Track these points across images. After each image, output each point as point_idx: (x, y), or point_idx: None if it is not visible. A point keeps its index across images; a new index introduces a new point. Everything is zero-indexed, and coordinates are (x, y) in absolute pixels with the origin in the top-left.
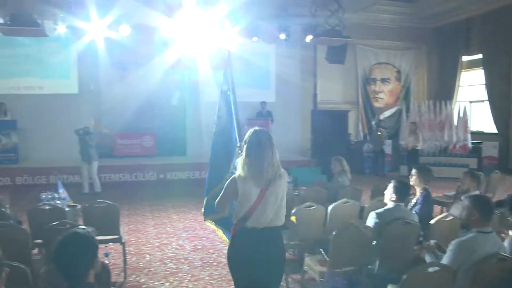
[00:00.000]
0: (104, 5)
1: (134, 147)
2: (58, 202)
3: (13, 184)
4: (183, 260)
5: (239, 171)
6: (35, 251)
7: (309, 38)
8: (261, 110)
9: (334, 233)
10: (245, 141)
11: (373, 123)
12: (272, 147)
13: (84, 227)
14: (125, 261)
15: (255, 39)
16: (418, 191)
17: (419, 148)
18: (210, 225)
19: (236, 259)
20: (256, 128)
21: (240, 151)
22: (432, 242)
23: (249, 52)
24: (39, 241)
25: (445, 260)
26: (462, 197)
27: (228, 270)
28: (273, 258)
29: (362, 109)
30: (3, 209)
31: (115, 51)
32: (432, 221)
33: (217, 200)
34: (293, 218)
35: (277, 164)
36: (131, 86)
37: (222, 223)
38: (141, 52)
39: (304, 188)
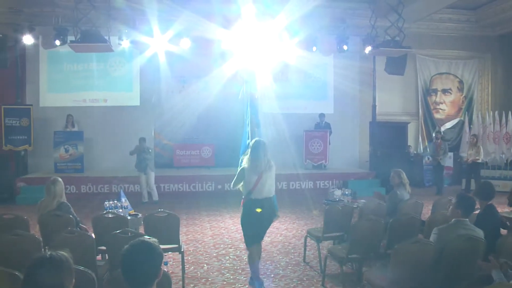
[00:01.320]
0: (166, 19)
1: (193, 157)
2: (120, 210)
3: (78, 192)
4: (240, 271)
5: (245, 164)
6: (98, 257)
7: (368, 49)
8: (319, 122)
9: (395, 247)
10: (249, 145)
11: (433, 135)
12: (265, 150)
13: (148, 237)
14: (183, 270)
15: (314, 48)
16: (481, 207)
17: (479, 161)
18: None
19: (245, 219)
20: (257, 138)
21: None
22: (502, 260)
23: (307, 64)
24: (103, 247)
25: None
26: None
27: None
28: (267, 216)
29: (422, 120)
30: (71, 216)
31: (175, 64)
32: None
33: (232, 181)
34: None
35: (267, 160)
36: (190, 98)
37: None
38: (201, 65)
39: (363, 200)
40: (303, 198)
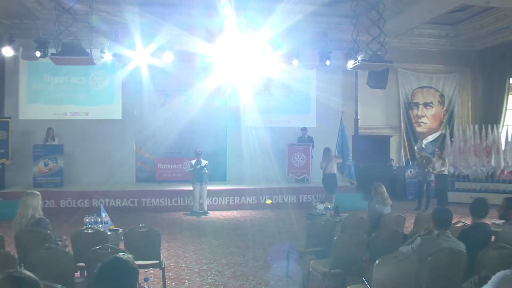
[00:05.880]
0: (149, 33)
1: (175, 172)
2: (100, 226)
3: (57, 207)
4: (222, 287)
5: None
6: (77, 274)
7: (350, 63)
8: (302, 135)
9: (377, 262)
10: None
11: (415, 148)
12: None
13: (123, 252)
14: (164, 286)
15: (295, 62)
16: (472, 222)
17: (445, 173)
18: None
19: None
20: None
21: None
22: (483, 273)
23: (290, 78)
24: (82, 264)
25: None
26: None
27: None
28: None
29: (404, 134)
30: (49, 232)
31: (158, 77)
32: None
33: None
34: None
35: None
36: (173, 112)
37: None
38: (183, 78)
39: (346, 215)
40: (285, 212)
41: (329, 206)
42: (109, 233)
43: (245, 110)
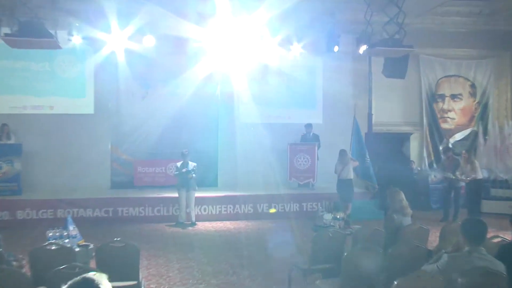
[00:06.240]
0: (126, 13)
1: (158, 176)
2: (67, 241)
3: (13, 219)
4: None
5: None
6: None
7: (362, 49)
8: (306, 133)
9: (395, 282)
10: None
11: (440, 148)
12: None
13: (95, 272)
14: None
15: (297, 48)
16: None
17: (479, 177)
18: None
19: None
20: None
21: None
22: None
23: (292, 66)
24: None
25: None
26: None
27: None
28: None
29: (427, 131)
30: (0, 250)
31: (137, 65)
32: None
33: None
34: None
35: None
36: (156, 106)
37: None
38: (168, 66)
39: (358, 226)
40: (287, 223)
41: (338, 216)
42: (77, 249)
43: (239, 104)
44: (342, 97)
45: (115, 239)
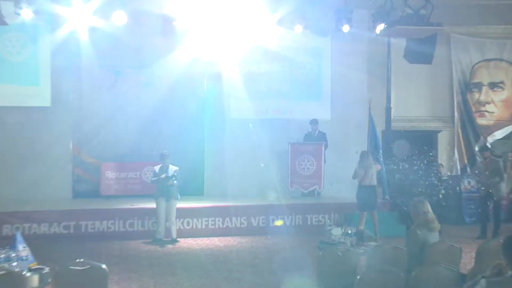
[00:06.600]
0: None
1: (130, 183)
2: (15, 264)
3: None
4: None
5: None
6: None
7: (380, 28)
8: (311, 131)
9: None
10: None
11: (476, 148)
12: None
13: None
14: None
15: (300, 28)
16: None
17: None
18: None
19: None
20: None
21: None
22: None
23: (294, 49)
24: None
25: None
26: None
27: None
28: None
29: (460, 128)
30: None
31: (104, 47)
32: None
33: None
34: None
35: None
36: (127, 97)
37: None
38: (142, 50)
39: (374, 243)
40: (287, 240)
41: (350, 231)
42: (28, 274)
43: (230, 96)
44: (355, 87)
45: (77, 260)
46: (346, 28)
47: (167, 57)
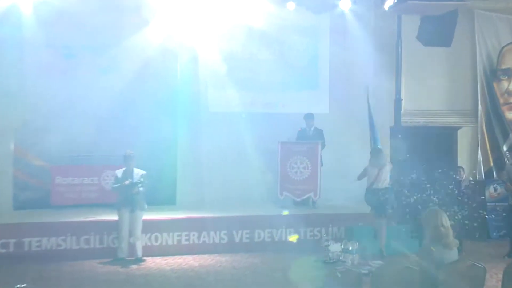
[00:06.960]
0: None
1: (87, 190)
2: None
3: None
4: None
5: None
6: None
7: (388, 3)
8: (306, 127)
9: None
10: None
11: (504, 148)
12: None
13: None
14: None
15: (292, 4)
16: None
17: None
18: None
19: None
20: None
21: None
22: None
23: (286, 29)
24: None
25: None
26: None
27: None
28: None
29: (484, 124)
30: None
31: (54, 25)
32: None
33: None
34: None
35: None
36: (83, 85)
37: None
38: (101, 28)
39: (379, 262)
40: (277, 258)
41: (351, 247)
42: None
43: (208, 85)
44: (358, 74)
45: (18, 286)
46: (348, 4)
47: (132, 38)
